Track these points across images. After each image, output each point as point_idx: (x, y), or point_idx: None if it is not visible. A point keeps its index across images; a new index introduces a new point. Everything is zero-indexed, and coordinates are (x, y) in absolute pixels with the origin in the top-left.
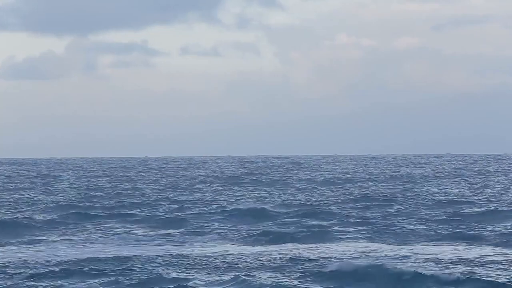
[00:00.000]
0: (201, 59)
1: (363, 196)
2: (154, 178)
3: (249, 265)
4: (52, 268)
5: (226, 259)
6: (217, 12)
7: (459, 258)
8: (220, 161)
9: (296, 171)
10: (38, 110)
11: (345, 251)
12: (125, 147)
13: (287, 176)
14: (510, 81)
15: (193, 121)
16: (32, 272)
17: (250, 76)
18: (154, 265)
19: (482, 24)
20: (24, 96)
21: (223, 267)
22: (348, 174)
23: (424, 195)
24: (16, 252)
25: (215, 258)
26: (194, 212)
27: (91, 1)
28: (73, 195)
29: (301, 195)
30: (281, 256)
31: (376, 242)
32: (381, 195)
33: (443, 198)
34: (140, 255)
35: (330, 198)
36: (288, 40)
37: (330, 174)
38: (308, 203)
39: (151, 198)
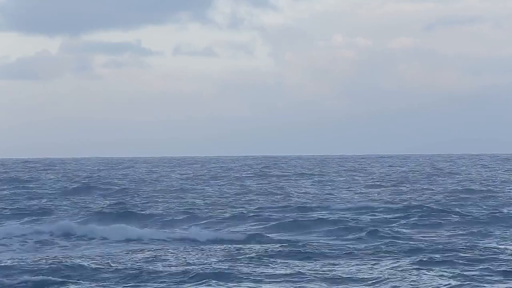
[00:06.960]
0: (194, 59)
1: None
2: None
3: None
4: None
5: None
6: (211, 12)
7: None
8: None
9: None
10: (33, 110)
11: None
12: (122, 147)
13: None
14: (503, 81)
15: (188, 122)
16: None
17: (244, 76)
18: None
19: (476, 24)
20: (18, 96)
21: None
22: None
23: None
24: None
25: None
26: None
27: (82, 1)
28: None
29: None
30: None
31: None
32: None
33: None
34: None
35: None
36: (282, 40)
37: None
38: None
39: None
